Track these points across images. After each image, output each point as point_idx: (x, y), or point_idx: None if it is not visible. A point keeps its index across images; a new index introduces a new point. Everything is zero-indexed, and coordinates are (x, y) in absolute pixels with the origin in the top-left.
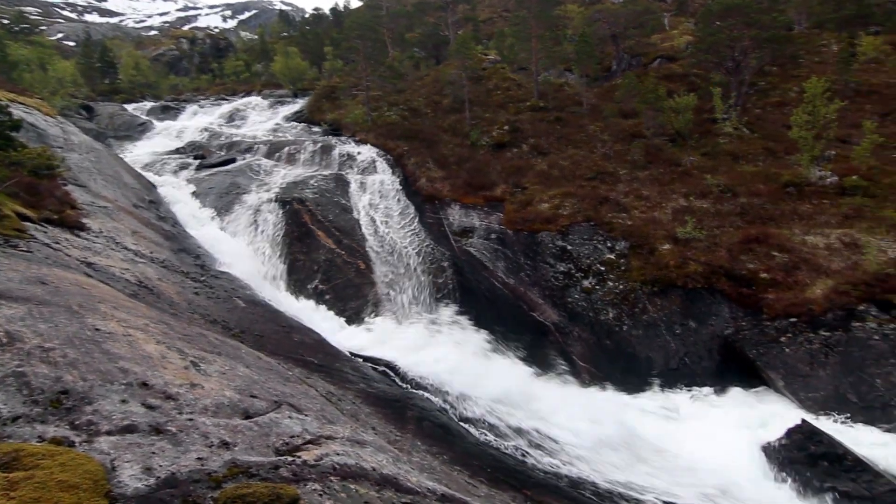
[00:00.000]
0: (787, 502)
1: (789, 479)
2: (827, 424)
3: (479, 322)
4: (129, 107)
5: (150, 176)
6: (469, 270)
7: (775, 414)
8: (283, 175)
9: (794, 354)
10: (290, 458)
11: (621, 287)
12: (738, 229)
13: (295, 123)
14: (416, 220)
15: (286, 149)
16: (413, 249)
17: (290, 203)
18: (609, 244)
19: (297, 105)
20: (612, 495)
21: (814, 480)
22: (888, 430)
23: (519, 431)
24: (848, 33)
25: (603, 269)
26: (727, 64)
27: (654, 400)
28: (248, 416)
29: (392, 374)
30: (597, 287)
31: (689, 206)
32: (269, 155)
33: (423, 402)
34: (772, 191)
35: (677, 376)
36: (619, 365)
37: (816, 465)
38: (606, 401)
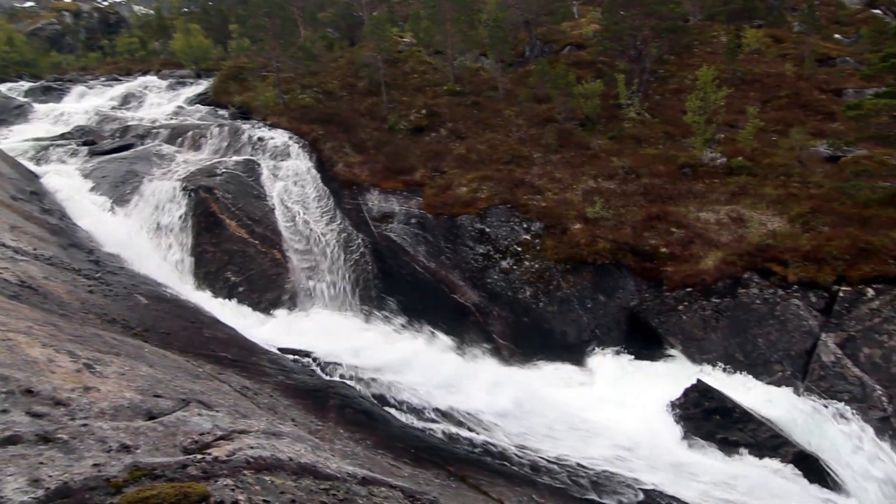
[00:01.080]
0: (686, 453)
1: (688, 433)
2: (719, 381)
3: (401, 307)
4: (3, 87)
5: (30, 165)
6: (390, 256)
7: (676, 376)
8: (187, 162)
9: (690, 321)
10: (199, 456)
11: (537, 266)
12: (642, 208)
13: (199, 106)
14: (334, 206)
15: (190, 133)
16: (332, 236)
17: (196, 191)
18: (525, 225)
19: (201, 86)
20: (529, 463)
21: (709, 432)
22: (769, 384)
23: (441, 411)
24: (735, 26)
25: (520, 249)
26: (630, 52)
27: (568, 371)
28: (151, 417)
29: (313, 364)
30: (514, 267)
31: (598, 188)
32: (170, 140)
33: (346, 390)
34: (670, 172)
35: (590, 347)
36: (537, 340)
37: (710, 419)
38: (525, 374)
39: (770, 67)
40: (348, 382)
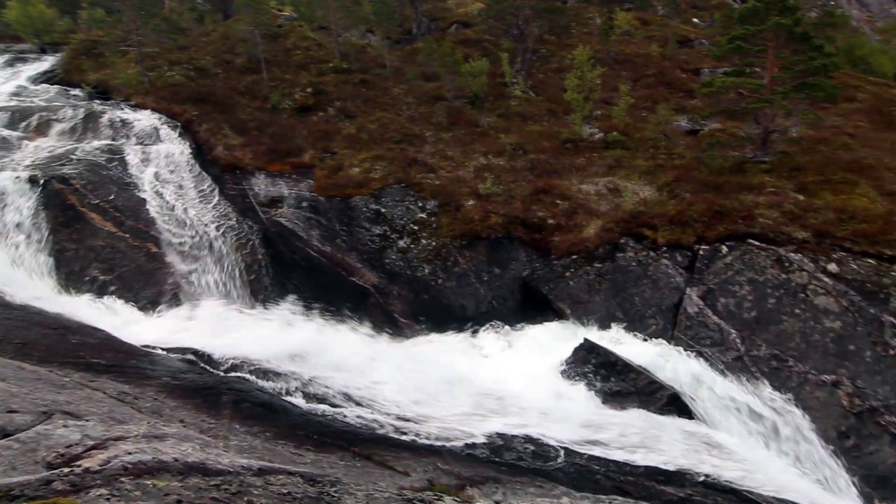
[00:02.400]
0: (578, 408)
1: (579, 389)
2: (604, 339)
3: (297, 294)
4: None
5: None
6: (282, 242)
7: (566, 338)
8: (34, 149)
9: (577, 286)
10: (66, 470)
11: (434, 244)
12: (529, 182)
13: (46, 86)
14: (216, 192)
15: (36, 117)
16: (215, 225)
17: (49, 182)
18: (420, 204)
19: (47, 63)
20: (432, 434)
21: (596, 386)
22: (646, 336)
23: (345, 394)
24: (608, 9)
25: (416, 228)
26: (513, 32)
27: (469, 342)
28: (6, 435)
29: (202, 361)
30: (412, 246)
31: (489, 164)
32: (11, 125)
33: (241, 384)
34: (554, 147)
35: (488, 318)
36: (438, 316)
37: (597, 374)
38: (427, 350)
39: (639, 48)
40: (244, 376)
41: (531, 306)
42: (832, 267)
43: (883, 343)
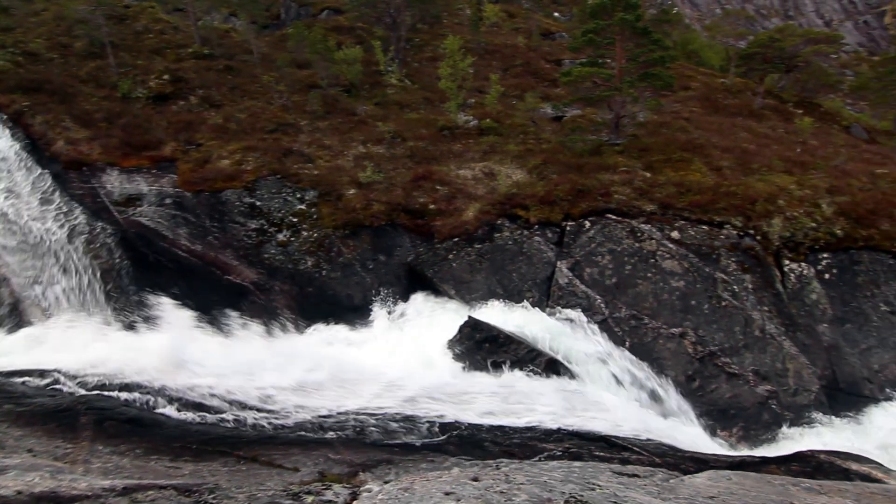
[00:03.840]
0: (465, 382)
1: (466, 364)
2: (487, 315)
3: (165, 299)
4: None
5: None
6: (144, 244)
7: (453, 317)
8: None
9: (459, 267)
10: None
11: (316, 235)
12: (409, 169)
13: None
14: (59, 192)
15: None
16: (60, 230)
17: None
18: (299, 195)
19: None
20: (323, 428)
21: (482, 359)
22: (524, 309)
23: (225, 398)
24: (477, 0)
25: (296, 220)
26: (386, 20)
27: (357, 332)
28: None
29: (55, 382)
30: (292, 239)
31: (368, 153)
32: None
33: (103, 402)
34: (432, 134)
35: (376, 305)
36: (324, 308)
37: (482, 348)
38: (315, 344)
39: (507, 39)
40: (106, 393)
41: (418, 290)
42: (675, 234)
43: (717, 297)
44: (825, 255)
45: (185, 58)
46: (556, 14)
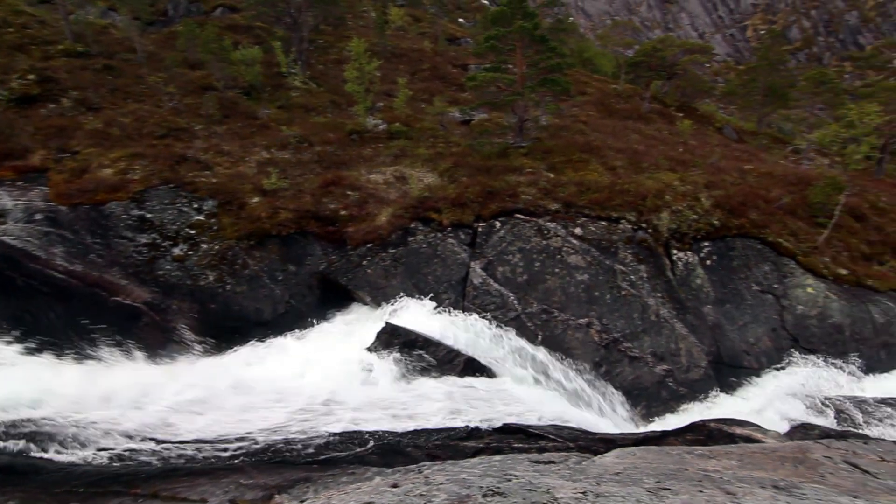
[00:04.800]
0: (385, 389)
1: (385, 371)
2: (404, 319)
3: (38, 328)
4: None
5: None
6: (9, 266)
7: (369, 324)
8: None
9: (374, 272)
10: None
11: (217, 247)
12: (318, 175)
13: None
14: None
15: None
16: None
17: None
18: (196, 205)
19: None
20: (232, 453)
21: (401, 363)
22: (441, 311)
23: (119, 431)
24: (381, 3)
25: (193, 232)
26: (286, 20)
27: (268, 347)
28: None
29: None
30: (190, 253)
31: (272, 158)
32: None
33: None
34: (340, 139)
35: (287, 318)
36: (230, 325)
37: (401, 352)
38: (220, 364)
39: (413, 43)
40: None
41: (332, 299)
42: (578, 231)
43: (617, 287)
44: (706, 244)
45: (55, 56)
46: (460, 20)
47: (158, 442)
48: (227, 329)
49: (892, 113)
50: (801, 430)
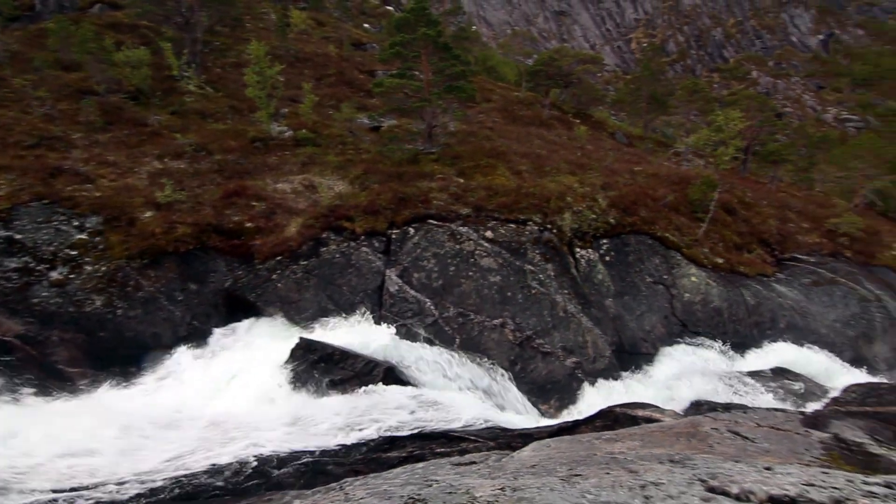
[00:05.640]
0: (302, 407)
1: (302, 388)
2: (319, 333)
3: None
4: None
5: None
6: None
7: (283, 341)
8: None
9: (285, 286)
10: None
11: (105, 269)
12: (219, 186)
13: None
14: None
15: None
16: None
17: None
18: (76, 223)
19: None
20: (132, 496)
21: (318, 380)
22: (358, 321)
23: None
24: (282, 5)
25: (75, 253)
26: (176, 19)
27: (170, 374)
28: None
29: None
30: (72, 276)
31: (166, 169)
32: None
33: None
34: (242, 146)
35: (190, 342)
36: (123, 354)
37: (317, 368)
38: (112, 397)
39: (318, 48)
40: None
41: (240, 317)
42: (489, 234)
43: (528, 286)
44: (605, 241)
45: None
46: (366, 25)
47: (20, 492)
48: (120, 358)
49: (752, 118)
50: (694, 407)
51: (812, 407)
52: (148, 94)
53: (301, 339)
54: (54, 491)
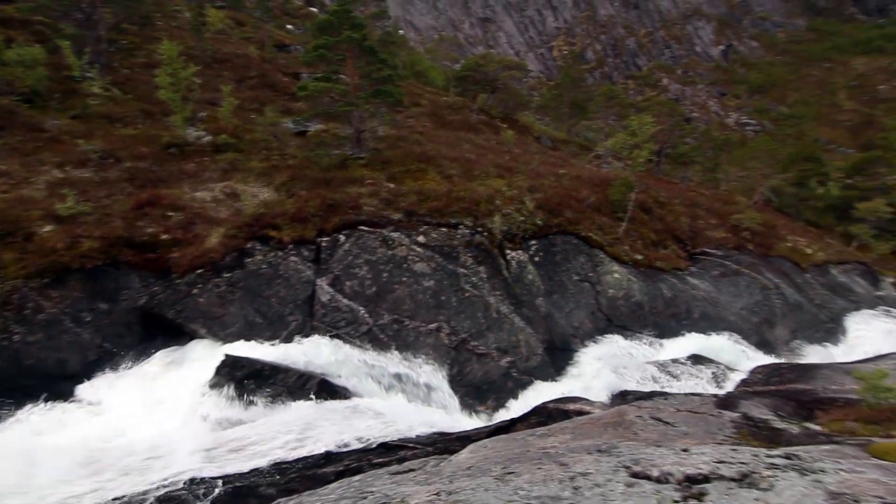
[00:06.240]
0: (234, 427)
1: (230, 407)
2: (248, 348)
3: None
4: None
5: None
6: None
7: (207, 359)
8: None
9: (208, 301)
10: None
11: None
12: (130, 195)
13: None
14: None
15: None
16: None
17: None
18: None
19: None
20: None
21: (248, 397)
22: (289, 334)
23: None
24: (197, 3)
25: None
26: (77, 15)
27: (78, 404)
28: None
29: None
30: None
31: (68, 178)
32: None
33: None
34: (156, 153)
35: (101, 366)
36: (22, 384)
37: (246, 385)
38: (11, 436)
39: (237, 49)
40: None
41: (158, 336)
42: (421, 238)
43: (461, 289)
44: (533, 242)
45: None
46: (289, 26)
47: None
48: (18, 390)
49: (663, 123)
50: (621, 397)
51: (725, 389)
52: (45, 97)
53: (227, 355)
54: None
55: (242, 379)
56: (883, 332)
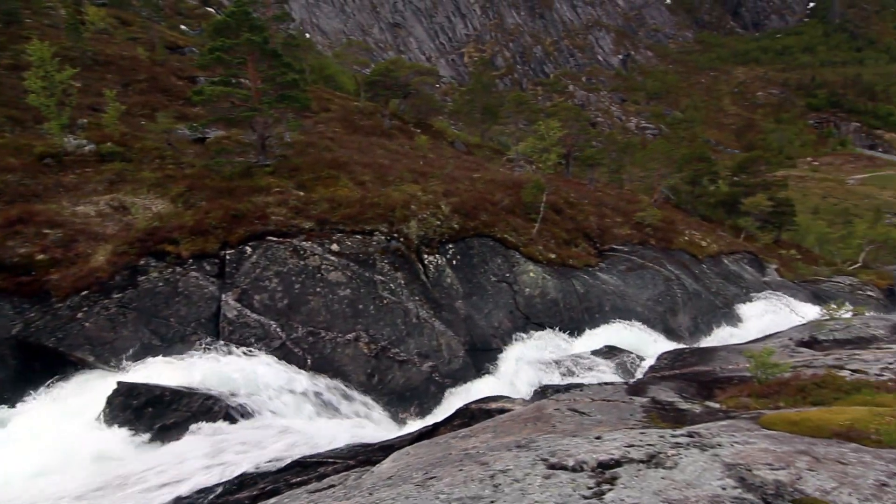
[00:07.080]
0: (131, 462)
1: (127, 440)
2: (156, 374)
3: None
4: None
5: None
6: None
7: (97, 389)
8: None
9: (95, 325)
10: None
11: None
12: None
13: None
14: None
15: None
16: None
17: None
18: None
19: None
20: None
21: (147, 427)
22: (193, 354)
23: None
24: (73, 0)
25: None
26: None
27: None
28: None
29: None
30: None
31: None
32: None
33: None
34: (27, 164)
35: None
36: None
37: (144, 414)
38: None
39: (122, 50)
40: None
41: (37, 367)
42: (335, 247)
43: (379, 297)
44: (450, 246)
45: None
46: (183, 27)
47: None
48: None
49: (570, 128)
50: (540, 392)
51: (636, 376)
52: None
53: (119, 383)
54: None
55: (140, 408)
56: (769, 313)
